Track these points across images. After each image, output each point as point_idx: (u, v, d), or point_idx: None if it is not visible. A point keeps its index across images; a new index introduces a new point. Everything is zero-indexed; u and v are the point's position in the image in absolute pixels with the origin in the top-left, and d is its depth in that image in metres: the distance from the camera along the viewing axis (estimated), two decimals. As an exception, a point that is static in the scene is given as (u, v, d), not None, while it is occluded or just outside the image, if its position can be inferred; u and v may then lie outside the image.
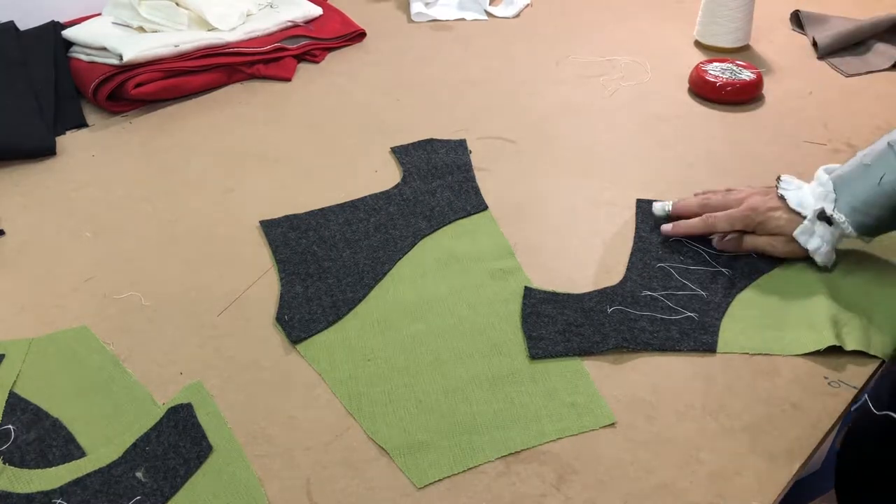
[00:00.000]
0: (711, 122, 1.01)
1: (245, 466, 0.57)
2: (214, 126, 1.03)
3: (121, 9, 1.14)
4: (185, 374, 0.65)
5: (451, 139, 0.97)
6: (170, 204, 0.87)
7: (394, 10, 1.38)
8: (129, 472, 0.56)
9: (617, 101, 1.06)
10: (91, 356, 0.67)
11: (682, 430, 0.59)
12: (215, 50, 1.11)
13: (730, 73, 1.04)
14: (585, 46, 1.22)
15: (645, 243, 0.78)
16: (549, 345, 0.66)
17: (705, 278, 0.73)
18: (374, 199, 0.86)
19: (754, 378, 0.63)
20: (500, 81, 1.12)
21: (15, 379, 0.65)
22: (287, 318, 0.70)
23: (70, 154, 0.97)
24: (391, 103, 1.07)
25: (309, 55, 1.20)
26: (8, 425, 0.61)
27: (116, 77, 1.03)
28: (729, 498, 0.54)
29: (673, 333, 0.67)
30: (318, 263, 0.76)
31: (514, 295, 0.72)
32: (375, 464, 0.57)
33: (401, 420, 0.61)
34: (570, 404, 0.61)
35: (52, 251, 0.81)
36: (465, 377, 0.64)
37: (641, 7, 1.36)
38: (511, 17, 1.35)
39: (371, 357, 0.66)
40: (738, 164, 0.91)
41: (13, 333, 0.70)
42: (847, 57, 1.16)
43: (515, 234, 0.80)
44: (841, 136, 0.96)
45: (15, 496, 0.55)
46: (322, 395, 0.63)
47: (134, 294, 0.74)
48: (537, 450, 0.58)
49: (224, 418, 0.61)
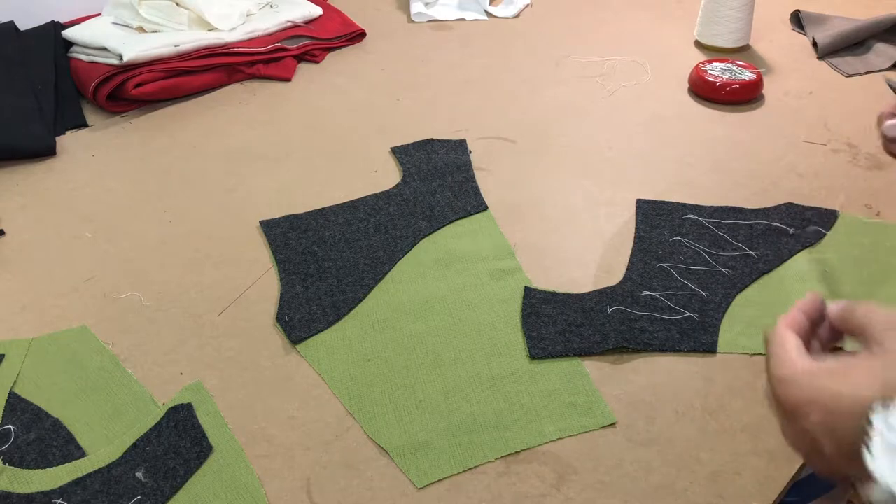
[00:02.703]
0: (711, 122, 1.01)
1: (245, 466, 0.57)
2: (214, 126, 1.03)
3: (121, 9, 1.14)
4: (185, 374, 0.65)
5: (451, 139, 0.97)
6: (170, 204, 0.87)
7: (394, 10, 1.38)
8: (129, 473, 0.56)
9: (617, 101, 1.06)
10: (91, 356, 0.67)
11: (682, 430, 0.59)
12: (215, 50, 1.11)
13: (730, 73, 1.04)
14: (585, 46, 1.22)
15: (645, 243, 0.78)
16: (549, 345, 0.66)
17: (705, 278, 0.73)
18: (374, 199, 0.86)
19: (754, 378, 0.63)
20: (500, 81, 1.12)
21: (15, 379, 0.65)
22: (287, 318, 0.70)
23: (70, 154, 0.97)
24: (391, 103, 1.07)
25: (309, 55, 1.20)
26: (8, 425, 0.61)
27: (116, 77, 1.03)
28: (729, 498, 0.54)
29: (673, 333, 0.67)
30: (318, 263, 0.76)
31: (514, 295, 0.72)
32: (375, 464, 0.57)
33: (401, 420, 0.61)
34: (570, 404, 0.61)
35: (52, 251, 0.81)
36: (465, 377, 0.64)
37: (641, 7, 1.36)
38: (511, 17, 1.35)
39: (371, 357, 0.66)
40: (738, 164, 0.91)
41: (13, 333, 0.70)
42: (847, 57, 1.16)
43: (515, 234, 0.80)
44: (841, 136, 0.96)
45: (15, 496, 0.55)
46: (322, 395, 0.63)
47: (134, 294, 0.74)
48: (537, 450, 0.58)
49: (224, 418, 0.61)
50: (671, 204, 0.83)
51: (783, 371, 0.41)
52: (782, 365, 0.42)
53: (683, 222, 0.80)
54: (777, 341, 0.43)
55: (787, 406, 0.40)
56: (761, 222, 0.80)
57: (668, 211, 0.82)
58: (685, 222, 0.80)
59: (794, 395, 0.40)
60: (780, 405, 0.41)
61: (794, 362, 0.41)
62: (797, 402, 0.40)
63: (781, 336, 0.43)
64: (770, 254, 0.76)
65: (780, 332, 0.43)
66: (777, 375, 0.42)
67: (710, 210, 0.82)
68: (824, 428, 0.38)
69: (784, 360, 0.42)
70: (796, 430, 0.40)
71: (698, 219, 0.81)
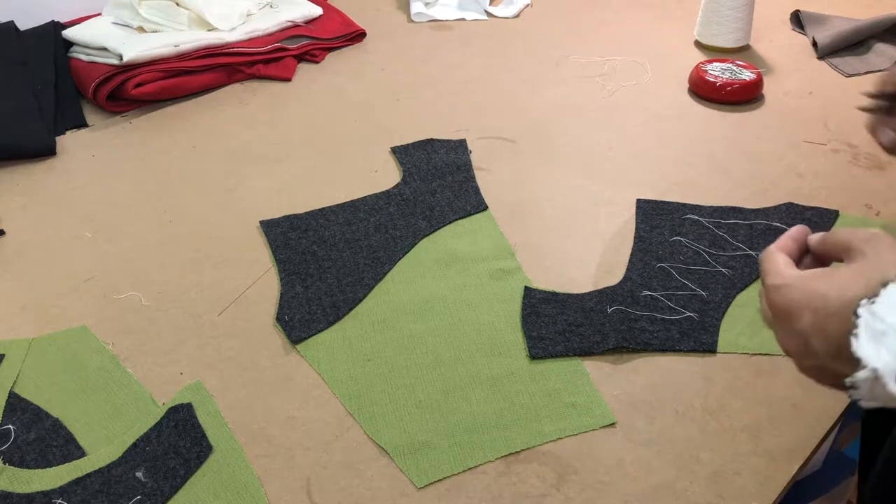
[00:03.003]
0: (711, 122, 1.01)
1: (245, 466, 0.57)
2: (214, 126, 1.03)
3: (121, 9, 1.14)
4: (185, 374, 0.65)
5: (451, 139, 0.97)
6: (170, 204, 0.87)
7: (394, 10, 1.38)
8: (129, 472, 0.56)
9: (617, 101, 1.06)
10: (91, 356, 0.67)
11: (682, 430, 0.59)
12: (215, 50, 1.11)
13: (730, 73, 1.04)
14: (585, 46, 1.22)
15: (645, 243, 0.78)
16: (549, 345, 0.66)
17: (705, 278, 0.73)
18: (374, 199, 0.86)
19: (754, 378, 0.63)
20: (500, 81, 1.12)
21: (15, 379, 0.65)
22: (287, 318, 0.70)
23: (70, 154, 0.97)
24: (391, 103, 1.07)
25: (309, 55, 1.20)
26: (8, 425, 0.61)
27: (116, 77, 1.03)
28: (729, 498, 0.54)
29: (673, 333, 0.67)
30: (318, 263, 0.76)
31: (514, 295, 0.72)
32: (375, 464, 0.57)
33: (401, 420, 0.61)
34: (570, 404, 0.61)
35: (52, 251, 0.81)
36: (465, 377, 0.64)
37: (641, 7, 1.36)
38: (511, 17, 1.35)
39: (371, 357, 0.66)
40: (738, 164, 0.91)
41: (13, 333, 0.70)
42: (847, 57, 1.16)
43: (515, 234, 0.80)
44: (841, 136, 0.96)
45: (15, 496, 0.55)
46: (322, 395, 0.63)
47: (134, 294, 0.74)
48: (537, 450, 0.58)
49: (224, 418, 0.61)
50: (671, 204, 0.83)
51: (777, 280, 0.46)
52: (775, 276, 0.46)
53: (683, 222, 0.80)
54: (769, 258, 0.48)
55: (782, 311, 0.45)
56: (761, 222, 0.80)
57: (668, 211, 0.82)
58: (685, 222, 0.80)
59: (787, 300, 0.44)
60: (775, 312, 0.45)
61: (785, 273, 0.46)
62: (790, 305, 0.44)
63: (773, 254, 0.48)
64: (770, 254, 0.76)
65: (772, 251, 0.49)
66: (771, 285, 0.46)
67: (710, 210, 0.82)
68: (815, 328, 0.42)
69: (776, 272, 0.47)
70: (790, 332, 0.44)
71: (698, 219, 0.81)
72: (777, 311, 0.45)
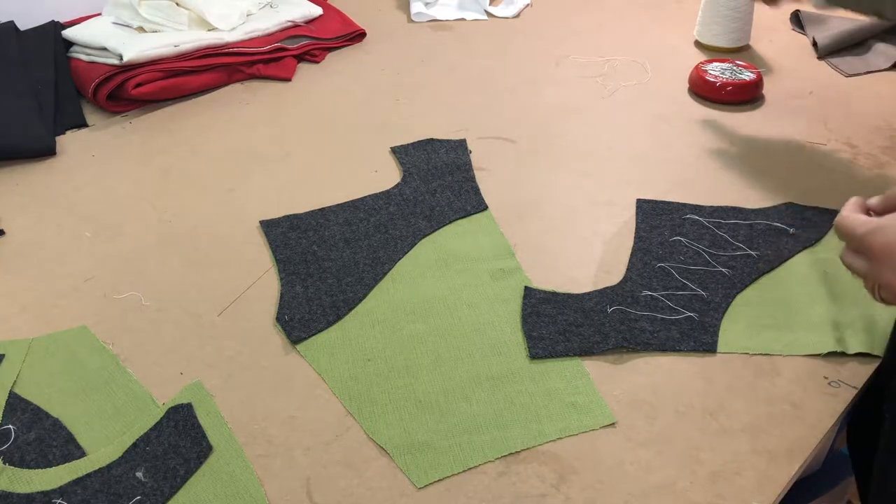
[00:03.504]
0: (711, 122, 1.01)
1: (245, 466, 0.57)
2: (214, 126, 1.03)
3: (121, 9, 1.14)
4: (185, 374, 0.65)
5: (451, 139, 0.97)
6: (170, 204, 0.87)
7: (394, 10, 1.38)
8: (129, 472, 0.56)
9: (617, 101, 1.06)
10: (91, 356, 0.67)
11: (682, 430, 0.59)
12: (215, 50, 1.11)
13: (730, 73, 1.04)
14: (585, 46, 1.22)
15: (645, 243, 0.78)
16: (549, 345, 0.66)
17: (705, 278, 0.73)
18: (374, 199, 0.86)
19: (754, 378, 0.63)
20: (500, 81, 1.12)
21: (15, 379, 0.65)
22: (287, 318, 0.70)
23: (70, 154, 0.97)
24: (391, 103, 1.07)
25: (309, 55, 1.20)
26: (8, 425, 0.61)
27: (116, 77, 1.03)
28: (729, 498, 0.54)
29: (673, 333, 0.67)
30: (318, 263, 0.76)
31: (514, 295, 0.72)
32: (375, 464, 0.57)
33: (401, 420, 0.61)
34: (570, 404, 0.61)
35: (52, 251, 0.81)
36: (465, 377, 0.64)
37: (641, 7, 1.36)
38: (511, 17, 1.35)
39: (371, 357, 0.66)
40: (738, 164, 0.91)
41: (13, 333, 0.70)
42: (847, 57, 1.16)
43: (515, 234, 0.80)
44: (841, 136, 0.96)
45: (15, 496, 0.55)
46: (322, 395, 0.63)
47: (134, 294, 0.74)
48: (537, 450, 0.58)
49: (224, 418, 0.61)
50: (671, 204, 0.83)
51: (869, 225, 0.50)
52: (864, 223, 0.50)
53: (683, 222, 0.80)
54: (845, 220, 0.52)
55: (885, 246, 0.49)
56: (761, 222, 0.80)
57: (668, 211, 0.82)
58: (685, 222, 0.80)
59: (888, 236, 0.48)
60: (878, 252, 0.49)
61: (871, 219, 0.51)
62: (892, 239, 0.48)
63: (847, 215, 0.53)
64: (770, 254, 0.76)
65: (844, 214, 0.53)
66: (866, 231, 0.50)
67: (710, 210, 0.82)
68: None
69: (862, 221, 0.51)
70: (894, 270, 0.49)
71: (698, 219, 0.81)
72: (879, 250, 0.49)
